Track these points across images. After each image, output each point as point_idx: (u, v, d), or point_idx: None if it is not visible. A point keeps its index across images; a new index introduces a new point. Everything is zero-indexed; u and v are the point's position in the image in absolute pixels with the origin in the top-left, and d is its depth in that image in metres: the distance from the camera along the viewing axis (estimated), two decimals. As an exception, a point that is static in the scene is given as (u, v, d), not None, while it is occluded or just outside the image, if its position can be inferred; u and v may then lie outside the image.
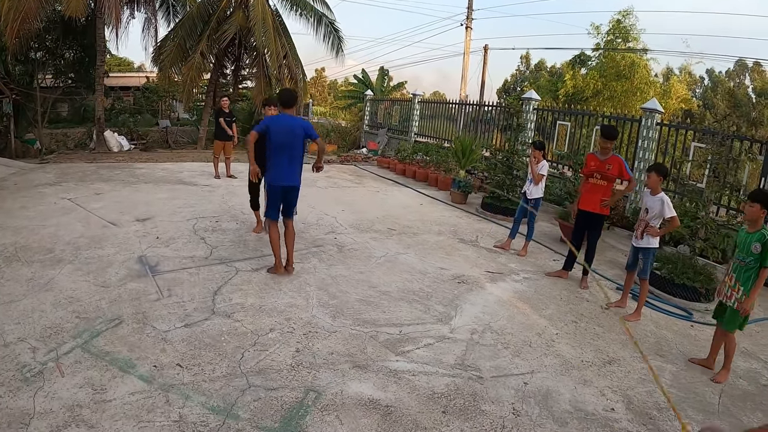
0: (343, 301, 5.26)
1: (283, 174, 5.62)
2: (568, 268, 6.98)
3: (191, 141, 21.91)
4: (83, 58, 20.70)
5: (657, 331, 5.55)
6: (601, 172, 6.47)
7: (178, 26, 19.18)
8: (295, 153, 5.64)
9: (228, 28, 17.80)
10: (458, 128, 16.85)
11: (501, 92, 38.76)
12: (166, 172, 11.70)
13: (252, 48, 20.51)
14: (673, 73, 28.32)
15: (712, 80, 32.34)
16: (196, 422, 3.12)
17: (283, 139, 5.54)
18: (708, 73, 32.82)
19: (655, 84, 23.70)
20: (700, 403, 4.12)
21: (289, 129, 5.55)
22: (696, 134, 10.27)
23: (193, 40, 18.52)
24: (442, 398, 3.68)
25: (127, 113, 22.11)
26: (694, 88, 31.82)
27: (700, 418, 3.88)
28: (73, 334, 4.09)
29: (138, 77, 28.62)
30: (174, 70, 18.97)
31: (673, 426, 3.74)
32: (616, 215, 10.29)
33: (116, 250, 6.15)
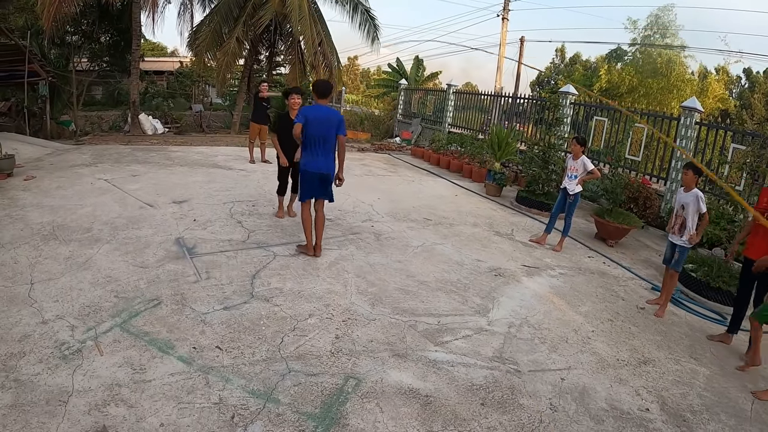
0: (381, 289, 5.25)
1: (318, 162, 5.68)
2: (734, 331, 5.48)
3: (225, 126, 22.06)
4: (119, 43, 20.98)
5: (691, 333, 5.42)
6: None
7: (213, 12, 19.24)
8: (330, 142, 5.70)
9: (264, 14, 17.78)
10: (492, 120, 16.68)
11: (534, 85, 38.19)
12: (201, 156, 11.80)
13: (287, 34, 20.53)
14: (709, 71, 27.57)
15: (750, 80, 31.38)
16: (237, 405, 3.13)
17: (319, 129, 5.60)
18: (745, 72, 31.85)
19: (692, 82, 23.15)
20: (733, 409, 4.02)
21: (326, 119, 5.62)
22: (735, 135, 9.99)
23: (229, 26, 18.57)
24: (480, 390, 3.66)
25: (160, 97, 22.37)
26: (731, 88, 30.94)
27: (732, 423, 3.79)
28: (112, 313, 4.14)
29: (171, 62, 28.92)
30: (209, 56, 19.05)
31: (706, 430, 3.66)
32: (650, 214, 10.09)
33: (154, 231, 6.22)
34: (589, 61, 35.03)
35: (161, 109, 20.46)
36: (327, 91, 5.83)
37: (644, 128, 11.33)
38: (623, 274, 7.09)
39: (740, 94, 31.19)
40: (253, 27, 18.61)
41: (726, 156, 9.67)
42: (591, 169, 7.48)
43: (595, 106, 13.30)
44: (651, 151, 11.64)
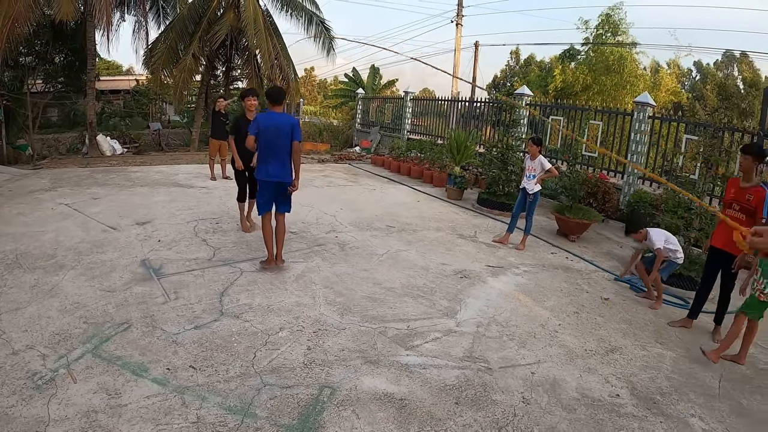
0: (349, 298, 5.32)
1: (272, 170, 5.72)
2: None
3: (184, 143, 21.83)
4: (73, 63, 20.60)
5: (656, 320, 5.67)
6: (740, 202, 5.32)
7: (168, 28, 19.11)
8: (284, 150, 5.72)
9: (219, 29, 17.75)
10: (450, 125, 16.93)
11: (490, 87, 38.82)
12: (162, 175, 11.69)
13: (243, 48, 20.47)
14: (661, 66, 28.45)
15: (701, 72, 32.51)
16: (215, 422, 3.16)
17: (272, 137, 5.63)
18: (696, 65, 33.01)
19: (645, 77, 23.85)
20: (701, 388, 4.23)
21: (278, 126, 5.65)
22: (688, 127, 10.39)
23: (185, 42, 18.47)
24: (453, 390, 3.76)
25: (117, 117, 22.03)
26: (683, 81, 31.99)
27: (701, 401, 3.98)
28: (82, 339, 4.09)
29: (127, 80, 28.47)
30: (165, 73, 18.88)
31: (676, 410, 3.84)
32: (610, 208, 10.40)
33: (119, 254, 6.16)
34: (544, 61, 35.79)
35: (119, 129, 20.17)
36: (280, 98, 5.85)
37: (599, 125, 11.69)
38: (586, 267, 7.32)
39: (692, 87, 32.29)
40: (209, 42, 18.54)
41: (680, 147, 10.07)
42: (548, 168, 7.76)
43: (550, 106, 13.65)
44: (607, 147, 11.99)
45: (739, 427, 3.70)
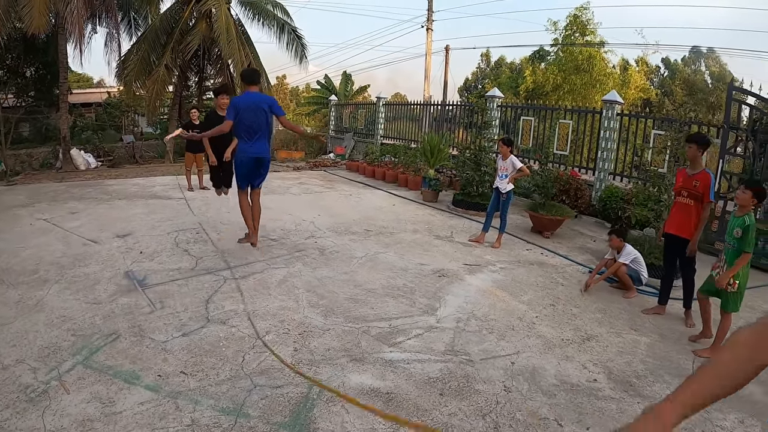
0: (332, 300, 5.45)
1: (253, 147, 5.91)
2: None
3: (158, 155, 21.73)
4: (45, 76, 20.40)
5: (630, 308, 5.91)
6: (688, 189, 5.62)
7: (141, 40, 19.08)
8: (263, 128, 5.93)
9: (192, 39, 17.77)
10: (423, 128, 17.16)
11: (462, 90, 39.24)
12: (139, 188, 11.69)
13: (216, 58, 20.52)
14: (630, 64, 29.01)
15: (669, 69, 33.22)
16: (209, 424, 3.26)
17: (251, 116, 5.80)
18: (664, 62, 33.71)
19: (614, 75, 24.35)
20: (676, 369, 4.46)
21: (256, 105, 5.83)
22: (655, 122, 10.75)
23: (157, 53, 18.45)
24: (437, 382, 3.91)
25: (90, 130, 21.84)
26: (651, 78, 32.65)
27: (676, 382, 4.18)
28: (72, 351, 4.14)
29: (99, 93, 28.20)
30: (138, 84, 18.82)
31: (652, 390, 4.05)
32: (582, 204, 10.70)
33: (101, 267, 6.21)
34: (514, 63, 36.28)
35: (92, 142, 19.99)
36: (255, 78, 6.03)
37: (569, 124, 11.99)
38: (561, 262, 7.55)
39: (661, 83, 32.97)
40: (181, 53, 18.54)
41: (648, 142, 10.41)
42: (520, 167, 8.01)
43: (521, 107, 13.95)
44: (578, 145, 12.32)
45: (713, 404, 3.90)
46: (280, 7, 20.82)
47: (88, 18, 17.53)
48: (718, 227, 8.75)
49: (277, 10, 20.74)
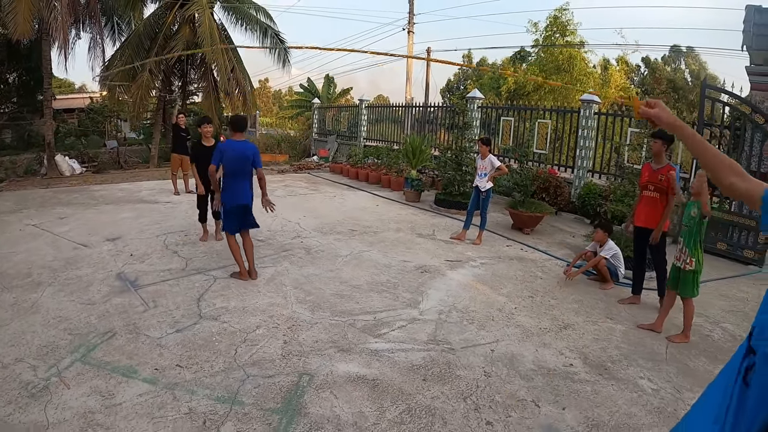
0: (318, 296, 5.67)
1: (238, 194, 6.12)
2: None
3: (143, 160, 21.72)
4: (28, 82, 20.30)
5: (606, 299, 6.20)
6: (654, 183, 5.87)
7: (125, 45, 19.08)
8: (247, 175, 6.16)
9: (176, 44, 17.84)
10: (406, 130, 17.41)
11: (444, 91, 39.60)
12: (125, 193, 11.80)
13: (199, 63, 20.60)
14: (611, 63, 29.44)
15: (650, 67, 33.74)
16: (206, 412, 3.45)
17: (236, 164, 6.05)
18: (644, 61, 34.22)
19: (594, 75, 24.73)
20: (649, 354, 4.73)
21: (241, 153, 6.05)
22: (631, 120, 11.08)
23: (141, 58, 18.47)
24: (420, 369, 4.15)
25: (73, 136, 21.78)
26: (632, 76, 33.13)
27: (650, 365, 4.47)
28: (70, 349, 4.29)
29: (81, 98, 28.04)
30: (122, 89, 18.84)
31: (626, 374, 4.31)
32: (562, 201, 10.99)
33: (93, 269, 6.36)
34: (496, 64, 36.67)
35: (76, 148, 19.93)
36: (243, 126, 6.30)
37: (548, 123, 12.30)
38: (540, 257, 7.82)
39: (642, 81, 33.50)
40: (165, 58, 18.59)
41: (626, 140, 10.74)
42: (498, 166, 8.29)
43: (502, 108, 14.25)
44: (558, 144, 12.64)
45: (685, 384, 4.18)
46: (263, 11, 20.95)
47: (72, 23, 17.52)
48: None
49: (260, 14, 20.85)
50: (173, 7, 18.81)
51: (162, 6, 19.51)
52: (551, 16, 23.71)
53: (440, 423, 3.44)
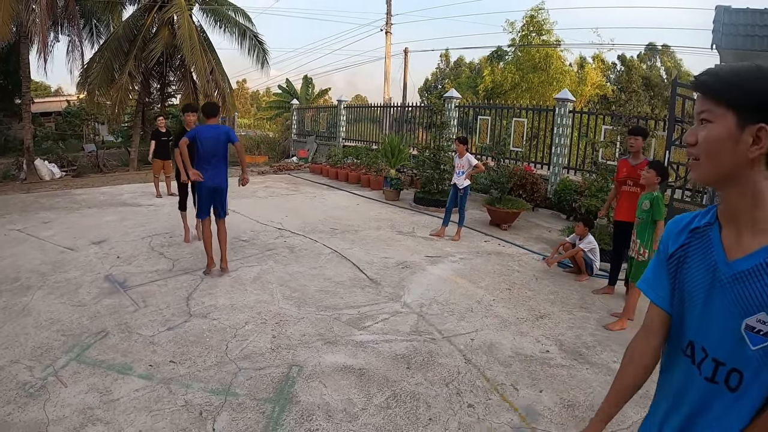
0: (304, 293, 5.87)
1: (210, 175, 6.31)
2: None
3: (122, 164, 21.66)
4: (6, 86, 20.14)
5: (581, 290, 6.49)
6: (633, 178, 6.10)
7: (103, 48, 19.04)
8: (220, 157, 6.39)
9: (155, 46, 17.86)
10: (384, 130, 17.63)
11: (422, 91, 39.92)
12: (107, 196, 11.85)
13: (178, 65, 20.60)
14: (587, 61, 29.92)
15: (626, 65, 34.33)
16: (201, 403, 3.62)
17: (210, 146, 6.28)
18: (620, 59, 34.78)
19: (570, 73, 25.15)
20: (623, 340, 4.97)
21: (215, 136, 6.32)
22: (605, 118, 11.44)
23: (120, 61, 18.43)
24: (404, 358, 4.38)
25: (51, 140, 21.63)
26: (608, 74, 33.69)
27: (622, 350, 4.68)
28: (64, 350, 4.40)
29: (59, 102, 27.80)
30: (100, 92, 18.76)
31: (600, 359, 4.58)
32: (539, 197, 11.30)
33: (81, 272, 6.46)
34: (473, 63, 37.05)
35: (54, 152, 19.80)
36: (214, 111, 6.58)
37: (524, 122, 12.61)
38: (517, 251, 8.10)
39: (618, 79, 34.09)
40: (144, 60, 18.57)
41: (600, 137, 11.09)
42: (475, 164, 8.58)
43: (479, 107, 14.53)
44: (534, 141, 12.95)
45: (657, 367, 4.44)
46: (242, 13, 21.02)
47: (51, 26, 17.43)
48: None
49: (239, 15, 20.93)
50: (152, 9, 18.81)
51: (141, 8, 19.49)
52: (527, 15, 24.10)
53: (424, 407, 3.67)
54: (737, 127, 1.24)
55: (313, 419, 3.46)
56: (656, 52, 33.94)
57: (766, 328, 1.23)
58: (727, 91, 1.26)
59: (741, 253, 1.29)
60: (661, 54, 33.97)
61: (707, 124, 1.30)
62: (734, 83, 1.25)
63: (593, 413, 2.99)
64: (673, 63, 33.08)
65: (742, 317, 1.26)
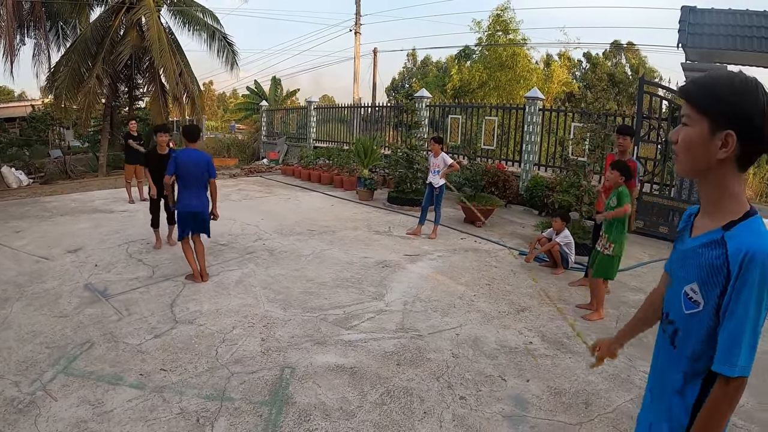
0: (288, 295, 5.93)
1: (192, 202, 6.31)
2: None
3: (91, 169, 21.24)
4: (-30, 93, 19.61)
5: (558, 283, 6.71)
6: None
7: (70, 50, 18.63)
8: (201, 182, 6.37)
9: (123, 49, 17.58)
10: (354, 130, 17.70)
11: (389, 90, 40.05)
12: (78, 203, 11.65)
13: (147, 68, 20.30)
14: (553, 59, 30.39)
15: (591, 62, 34.93)
16: (197, 410, 3.64)
17: (191, 172, 6.25)
18: (586, 56, 35.39)
19: (537, 71, 25.56)
20: (602, 329, 5.24)
21: (196, 162, 6.28)
22: (574, 115, 11.72)
23: (88, 64, 18.06)
24: (393, 355, 4.49)
25: (15, 146, 21.10)
26: (574, 71, 34.27)
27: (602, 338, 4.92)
28: (50, 362, 4.31)
29: (23, 107, 27.05)
30: (68, 96, 18.32)
31: (581, 348, 4.79)
32: (511, 194, 11.52)
33: (59, 282, 6.38)
34: (440, 62, 37.30)
35: (20, 158, 19.36)
36: (196, 136, 6.51)
37: (495, 120, 12.82)
38: (493, 247, 8.28)
39: (583, 76, 34.71)
40: (112, 63, 18.24)
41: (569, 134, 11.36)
42: (450, 163, 8.69)
43: (450, 106, 14.71)
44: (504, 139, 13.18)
45: (636, 354, 4.68)
46: (210, 14, 20.83)
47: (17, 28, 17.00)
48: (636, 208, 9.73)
49: (207, 17, 20.72)
50: (120, 11, 18.51)
51: (108, 10, 19.13)
52: (494, 14, 24.40)
53: (418, 401, 3.79)
54: (710, 131, 1.46)
55: (311, 419, 3.53)
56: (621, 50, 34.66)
57: (696, 297, 1.52)
58: (704, 99, 1.47)
59: (696, 234, 1.58)
60: (625, 51, 34.70)
61: (686, 126, 1.52)
62: (711, 94, 1.46)
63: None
64: (638, 60, 33.82)
65: (684, 284, 1.57)
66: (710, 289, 1.47)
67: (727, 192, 1.50)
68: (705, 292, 1.48)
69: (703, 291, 1.49)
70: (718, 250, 1.46)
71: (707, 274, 1.48)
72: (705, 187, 1.56)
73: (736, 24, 9.87)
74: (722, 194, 1.51)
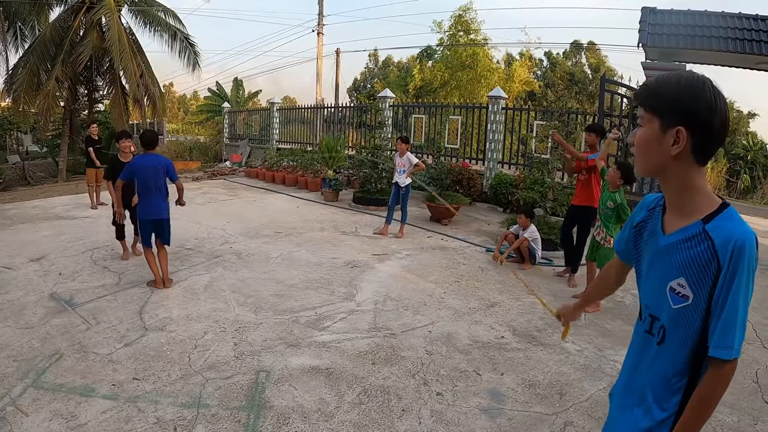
0: (258, 298, 5.94)
1: (152, 209, 6.26)
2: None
3: (50, 175, 20.65)
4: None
5: (525, 277, 6.89)
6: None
7: (29, 52, 18.12)
8: (161, 189, 6.32)
9: (83, 50, 17.13)
10: (317, 131, 17.69)
11: (351, 90, 40.01)
12: (39, 210, 11.35)
13: (107, 69, 19.84)
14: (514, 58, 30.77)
15: (551, 61, 35.47)
16: (174, 419, 3.60)
17: (150, 178, 6.19)
18: (546, 55, 35.92)
19: (498, 70, 25.87)
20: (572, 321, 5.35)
21: (154, 168, 6.22)
22: (537, 113, 11.98)
23: (47, 66, 17.56)
24: (368, 354, 4.56)
25: (-30, 153, 20.44)
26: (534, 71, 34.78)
27: (572, 331, 4.99)
28: (18, 376, 4.18)
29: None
30: (27, 99, 17.78)
31: (552, 340, 4.96)
32: (475, 192, 11.70)
33: (23, 292, 6.22)
34: (402, 62, 37.44)
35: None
36: (154, 142, 6.46)
37: (458, 119, 12.99)
38: (460, 245, 8.42)
39: (544, 75, 35.25)
40: (72, 65, 17.78)
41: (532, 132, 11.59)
42: (416, 163, 8.88)
43: (413, 106, 14.83)
44: (468, 138, 13.37)
45: (605, 344, 4.88)
46: (172, 14, 20.50)
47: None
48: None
49: (169, 17, 20.38)
50: (80, 10, 18.06)
51: (68, 10, 18.63)
52: (455, 15, 24.61)
53: (396, 399, 3.86)
54: (660, 129, 1.54)
55: (290, 422, 3.55)
56: (581, 49, 35.33)
57: (683, 291, 1.55)
58: (652, 99, 1.57)
59: (670, 230, 1.63)
60: (585, 51, 35.38)
61: (641, 127, 1.61)
62: (658, 93, 1.56)
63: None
64: (597, 59, 34.52)
65: (668, 280, 1.59)
66: (700, 281, 1.52)
67: (690, 186, 1.57)
68: (694, 285, 1.53)
69: (692, 285, 1.54)
70: (704, 244, 1.51)
71: (696, 268, 1.53)
72: (667, 184, 1.62)
73: (695, 24, 10.25)
74: (685, 189, 1.57)
